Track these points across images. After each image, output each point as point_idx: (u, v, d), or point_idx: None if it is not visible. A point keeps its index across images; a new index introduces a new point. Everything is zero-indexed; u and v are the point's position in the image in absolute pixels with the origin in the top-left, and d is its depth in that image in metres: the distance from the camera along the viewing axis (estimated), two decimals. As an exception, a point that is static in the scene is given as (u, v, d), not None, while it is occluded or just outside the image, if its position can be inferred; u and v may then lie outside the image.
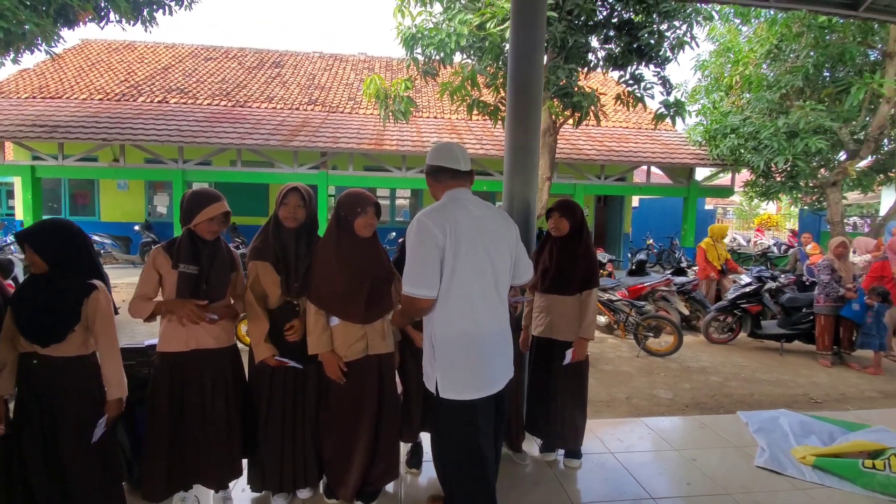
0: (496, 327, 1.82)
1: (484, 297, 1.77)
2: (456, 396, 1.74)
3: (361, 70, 14.77)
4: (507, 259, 1.87)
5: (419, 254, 1.70)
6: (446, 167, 1.84)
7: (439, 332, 1.75)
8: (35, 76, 12.08)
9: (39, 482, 1.78)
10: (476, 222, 1.76)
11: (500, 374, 1.85)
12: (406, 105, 6.44)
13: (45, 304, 1.75)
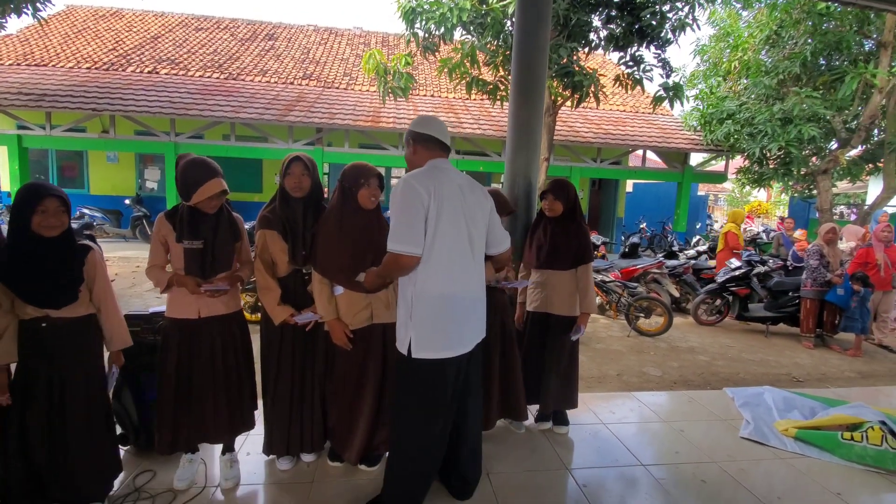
0: (471, 290, 1.89)
1: (461, 259, 1.84)
2: (429, 355, 1.80)
3: (357, 45, 14.49)
4: (483, 228, 1.97)
5: (406, 212, 1.75)
6: (436, 137, 1.92)
7: (419, 291, 1.80)
8: (19, 42, 11.69)
9: (40, 445, 1.81)
10: (457, 190, 1.85)
11: (472, 334, 1.93)
12: (406, 81, 6.37)
13: (56, 267, 1.78)
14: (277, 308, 2.12)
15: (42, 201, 1.73)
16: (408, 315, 1.82)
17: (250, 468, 2.31)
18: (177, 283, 2.04)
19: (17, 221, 1.74)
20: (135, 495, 2.07)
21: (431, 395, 1.84)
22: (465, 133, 9.79)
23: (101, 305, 1.94)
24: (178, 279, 2.03)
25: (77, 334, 1.87)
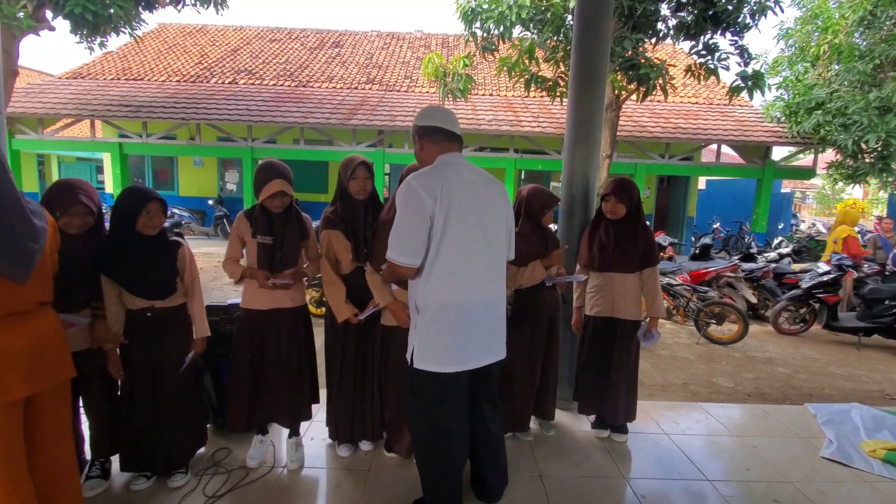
0: (484, 299, 1.71)
1: (473, 266, 1.67)
2: (428, 368, 1.68)
3: (418, 48, 14.78)
4: (502, 228, 1.79)
5: (405, 220, 1.61)
6: (442, 128, 1.75)
7: (422, 301, 1.67)
8: (118, 58, 13.12)
9: (144, 416, 2.08)
10: (470, 188, 1.67)
11: (482, 349, 1.73)
12: (465, 83, 6.43)
13: (157, 262, 2.02)
14: (343, 305, 2.22)
15: (147, 204, 1.97)
16: (414, 323, 1.73)
17: (313, 452, 2.46)
18: (248, 275, 2.23)
19: (122, 221, 1.98)
20: (213, 469, 2.28)
21: (436, 405, 1.72)
22: (524, 131, 9.68)
23: (189, 296, 2.17)
24: (250, 272, 2.22)
25: (174, 322, 2.12)
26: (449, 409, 1.73)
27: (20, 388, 1.46)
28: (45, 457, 1.62)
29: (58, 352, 1.61)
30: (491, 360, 1.77)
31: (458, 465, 1.82)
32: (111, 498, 2.09)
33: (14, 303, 1.46)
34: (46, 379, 1.55)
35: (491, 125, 9.80)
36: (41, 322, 1.56)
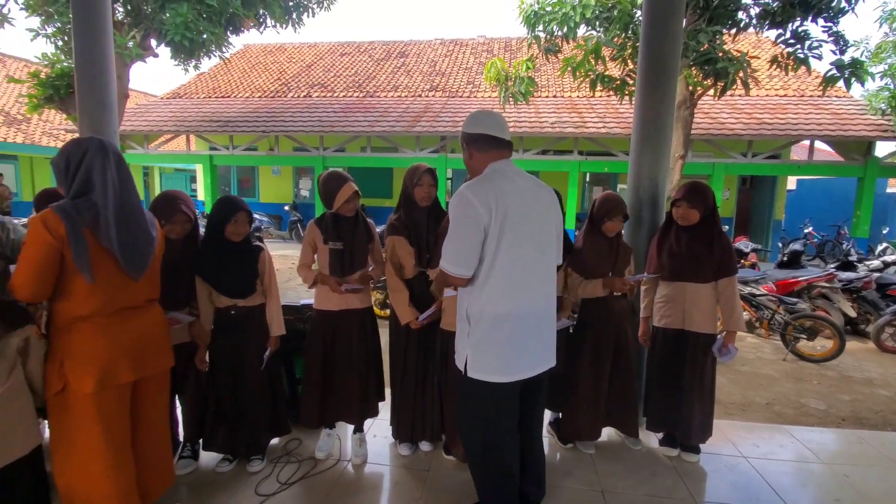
0: (538, 308, 1.69)
1: (528, 275, 1.65)
2: (483, 378, 1.66)
3: (480, 53, 14.87)
4: (554, 234, 1.76)
5: (459, 232, 1.60)
6: (491, 135, 1.70)
7: (476, 310, 1.66)
8: (209, 78, 14.47)
9: (228, 403, 2.30)
10: (523, 195, 1.64)
11: (535, 359, 1.71)
12: (526, 86, 6.38)
13: (241, 265, 2.24)
14: (406, 309, 2.31)
15: (236, 213, 2.19)
16: (465, 332, 1.71)
17: (376, 449, 2.57)
18: (321, 281, 2.38)
19: (213, 228, 2.21)
20: (286, 458, 2.46)
21: (489, 414, 1.72)
22: (589, 132, 9.39)
23: (267, 296, 2.36)
24: (322, 278, 2.37)
25: (255, 319, 2.32)
26: (502, 418, 1.72)
27: (129, 373, 1.69)
28: (146, 436, 1.85)
29: (161, 343, 1.85)
30: (542, 368, 1.75)
31: (514, 473, 1.81)
32: (199, 477, 2.32)
33: (129, 298, 1.71)
34: (151, 367, 1.78)
35: (554, 127, 9.62)
36: (149, 316, 1.80)
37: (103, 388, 1.62)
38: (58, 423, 1.66)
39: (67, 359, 1.60)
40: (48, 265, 1.52)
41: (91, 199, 1.57)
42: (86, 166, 1.59)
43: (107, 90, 3.33)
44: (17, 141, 11.71)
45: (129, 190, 1.69)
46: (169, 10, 7.39)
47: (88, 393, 1.60)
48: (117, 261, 1.62)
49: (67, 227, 1.52)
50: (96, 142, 1.65)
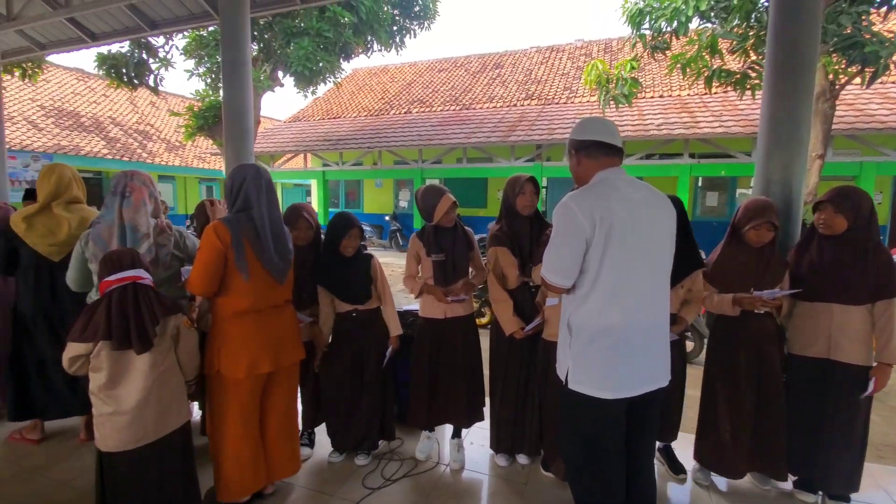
0: (646, 323, 1.58)
1: (636, 288, 1.56)
2: (586, 391, 1.58)
3: (578, 57, 14.46)
4: (668, 247, 1.64)
5: (561, 242, 1.57)
6: (601, 142, 1.62)
7: (578, 321, 1.60)
8: (323, 102, 15.95)
9: (343, 400, 2.50)
10: (633, 207, 1.55)
11: (642, 376, 1.59)
12: (629, 87, 6.06)
13: (357, 275, 2.44)
14: (511, 319, 2.30)
15: (350, 230, 2.40)
16: (567, 342, 1.65)
17: (473, 456, 2.60)
18: (427, 291, 2.48)
19: (330, 243, 2.44)
20: (389, 455, 2.60)
21: (590, 429, 1.64)
22: (703, 133, 8.60)
23: (382, 300, 2.54)
24: (428, 289, 2.47)
25: (373, 322, 2.51)
26: (606, 437, 1.63)
27: (268, 364, 1.98)
28: (276, 420, 2.12)
29: (294, 339, 2.14)
30: (651, 386, 1.62)
31: (618, 498, 1.69)
32: (315, 463, 2.55)
33: (274, 298, 2.04)
34: (285, 359, 2.06)
35: (661, 129, 8.98)
36: (286, 315, 2.11)
37: (249, 376, 1.92)
38: (211, 397, 2.01)
39: (224, 347, 1.92)
40: (216, 265, 1.86)
41: (250, 214, 1.92)
42: (245, 188, 1.94)
43: (246, 119, 3.87)
44: (174, 164, 14.02)
45: (275, 207, 2.02)
46: (293, 45, 8.35)
47: (238, 378, 1.92)
48: (265, 266, 1.93)
49: (232, 234, 1.86)
50: (253, 168, 2.00)
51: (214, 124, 9.14)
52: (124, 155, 12.92)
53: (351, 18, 8.73)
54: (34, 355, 2.56)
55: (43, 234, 2.44)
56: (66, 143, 11.88)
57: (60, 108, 13.42)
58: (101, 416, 1.72)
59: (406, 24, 10.09)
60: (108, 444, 1.72)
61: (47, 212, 2.47)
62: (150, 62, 9.10)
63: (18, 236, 2.44)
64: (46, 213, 2.47)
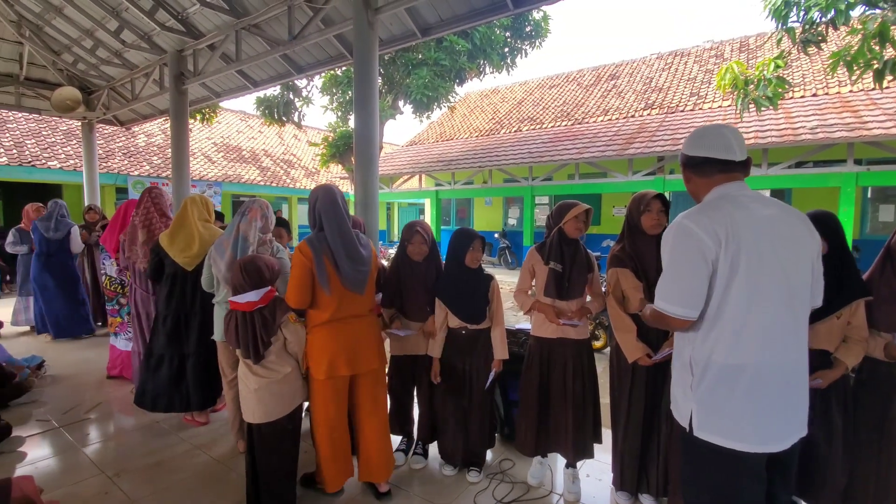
0: (784, 362, 1.34)
1: (771, 320, 1.33)
2: (718, 441, 1.36)
3: (707, 60, 13.20)
4: (807, 273, 1.39)
5: (678, 264, 1.38)
6: (713, 158, 1.43)
7: (701, 358, 1.39)
8: (437, 126, 16.78)
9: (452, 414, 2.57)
10: (764, 225, 1.34)
11: (786, 425, 1.35)
12: (774, 87, 5.35)
13: (477, 292, 2.51)
14: (635, 344, 2.14)
15: (473, 242, 2.49)
16: (688, 383, 1.44)
17: (589, 489, 2.46)
18: (538, 309, 2.44)
19: (453, 257, 2.54)
20: (500, 476, 2.58)
21: (724, 489, 1.39)
22: (873, 135, 7.21)
23: (494, 322, 2.56)
24: (540, 306, 2.42)
25: (482, 341, 2.55)
26: (744, 495, 1.38)
27: (345, 368, 2.21)
28: (364, 421, 2.35)
29: (372, 346, 2.33)
30: (793, 439, 1.38)
31: None
32: (429, 474, 2.64)
33: (356, 308, 2.26)
34: (362, 365, 2.27)
35: (816, 133, 7.73)
36: (365, 324, 2.31)
37: (329, 377, 2.17)
38: (310, 395, 2.30)
39: (310, 352, 2.22)
40: (305, 280, 2.11)
41: (324, 232, 2.15)
42: (318, 210, 2.16)
43: (373, 146, 4.25)
44: (311, 188, 15.90)
45: (345, 223, 2.20)
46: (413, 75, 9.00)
47: (321, 379, 2.18)
48: (340, 280, 2.14)
49: (313, 253, 2.10)
50: (322, 190, 2.22)
51: (345, 152, 10.20)
52: (273, 181, 15.02)
53: (465, 46, 9.14)
54: (158, 352, 3.08)
55: (182, 248, 3.01)
56: (231, 172, 14.20)
57: (227, 143, 16.13)
58: (242, 395, 2.24)
59: (517, 45, 10.23)
60: (247, 417, 2.21)
61: (185, 230, 3.04)
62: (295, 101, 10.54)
63: (164, 249, 3.03)
64: (185, 230, 3.04)
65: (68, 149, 11.15)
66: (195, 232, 3.04)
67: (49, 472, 2.59)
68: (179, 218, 3.09)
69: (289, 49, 5.31)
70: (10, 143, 10.35)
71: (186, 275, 3.03)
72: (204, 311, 3.00)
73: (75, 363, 4.47)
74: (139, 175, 11.83)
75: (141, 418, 3.30)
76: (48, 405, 3.53)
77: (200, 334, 3.02)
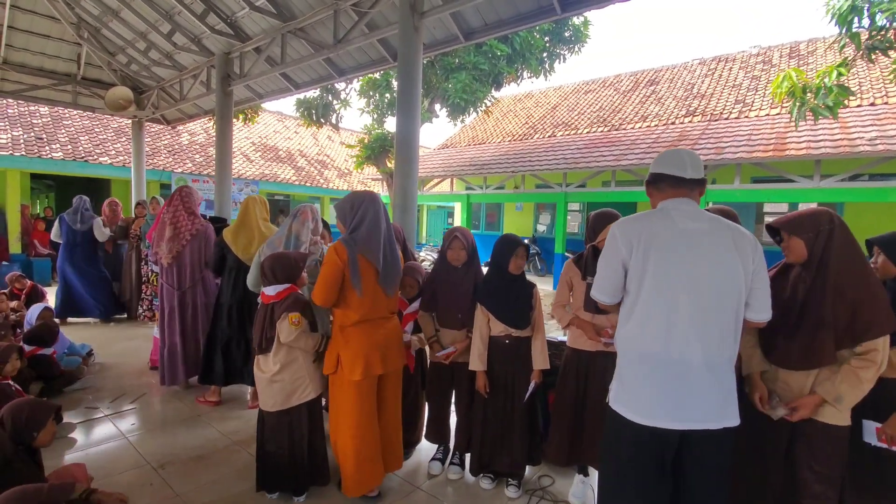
0: (686, 356, 1.52)
1: (674, 319, 1.53)
2: (621, 411, 1.61)
3: (754, 66, 12.70)
4: (723, 284, 1.53)
5: (603, 261, 1.69)
6: (667, 174, 1.64)
7: (621, 345, 1.67)
8: (469, 129, 16.75)
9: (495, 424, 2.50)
10: (682, 237, 1.55)
11: (679, 409, 1.52)
12: (836, 96, 5.07)
13: (520, 298, 2.46)
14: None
15: (517, 248, 2.44)
16: (618, 364, 1.71)
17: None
18: (577, 325, 2.37)
19: (497, 264, 2.49)
20: (540, 492, 2.50)
21: (619, 454, 1.64)
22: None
23: (534, 330, 2.50)
24: (578, 322, 2.35)
25: (525, 349, 2.50)
26: (633, 468, 1.59)
27: (380, 367, 2.23)
28: (385, 418, 2.38)
29: (399, 346, 2.38)
30: (691, 424, 1.51)
31: None
32: (464, 485, 2.58)
33: (384, 309, 2.30)
34: (392, 364, 2.31)
35: (875, 145, 7.30)
36: (393, 324, 2.36)
37: (365, 378, 2.18)
38: (333, 395, 2.31)
39: (342, 352, 2.21)
40: (335, 280, 2.14)
41: (362, 233, 2.17)
42: (362, 210, 2.20)
43: (413, 148, 4.25)
44: (343, 188, 16.13)
45: (389, 227, 2.27)
46: (451, 79, 9.00)
47: (356, 380, 2.17)
48: (378, 279, 2.19)
49: (349, 253, 2.12)
50: (370, 194, 2.26)
51: (379, 154, 10.29)
52: (307, 181, 15.32)
53: (505, 50, 9.08)
54: (224, 336, 3.37)
55: (244, 245, 3.26)
56: (268, 171, 14.57)
57: (265, 143, 16.56)
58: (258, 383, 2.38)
59: (556, 51, 10.09)
60: (261, 405, 2.35)
61: (247, 228, 3.30)
62: (334, 104, 10.72)
63: (228, 246, 3.28)
64: (247, 228, 3.30)
65: (118, 146, 11.67)
66: (256, 231, 3.29)
67: (97, 460, 2.67)
68: (242, 216, 3.34)
69: (332, 53, 5.39)
70: (65, 138, 10.91)
71: (246, 269, 3.23)
72: None
73: (122, 352, 4.64)
74: (182, 172, 12.27)
75: (184, 411, 3.39)
76: (97, 393, 3.66)
77: None
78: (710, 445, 1.54)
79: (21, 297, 4.96)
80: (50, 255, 9.44)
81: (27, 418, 2.09)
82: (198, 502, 2.34)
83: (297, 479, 2.33)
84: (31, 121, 10.92)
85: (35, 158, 9.57)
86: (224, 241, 3.30)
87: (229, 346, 3.38)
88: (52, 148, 10.17)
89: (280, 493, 2.36)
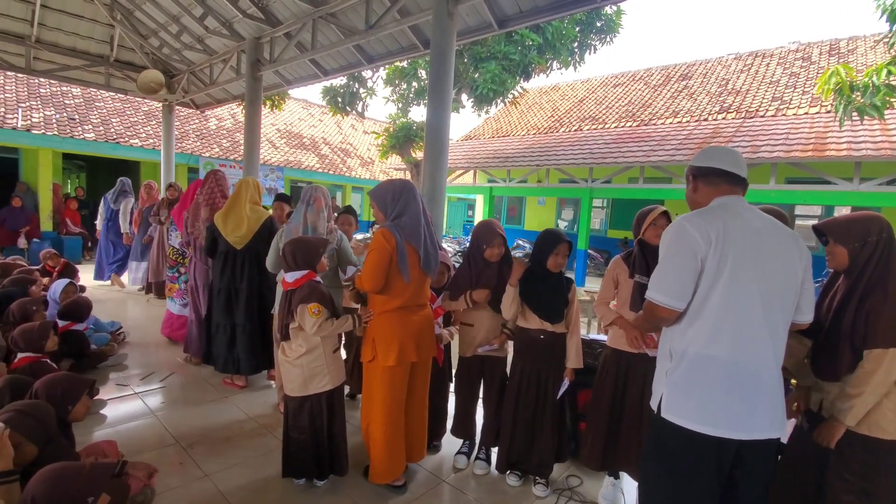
0: (753, 361, 1.43)
1: (745, 322, 1.43)
2: (678, 421, 1.45)
3: (792, 62, 12.21)
4: (789, 286, 1.48)
5: (671, 259, 1.50)
6: (722, 169, 1.56)
7: (679, 347, 1.50)
8: (494, 121, 16.55)
9: (522, 423, 2.45)
10: (753, 235, 1.46)
11: (750, 418, 1.41)
12: (883, 96, 4.82)
13: (556, 293, 2.40)
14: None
15: (557, 246, 2.37)
16: (664, 369, 1.55)
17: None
18: (620, 325, 2.29)
19: (537, 258, 2.44)
20: (568, 493, 2.45)
21: (677, 468, 1.49)
22: None
23: (569, 327, 2.44)
24: (621, 323, 2.28)
25: (558, 347, 2.44)
26: (695, 481, 1.46)
27: (413, 355, 2.23)
28: (412, 408, 2.37)
29: (432, 335, 2.37)
30: (754, 434, 1.42)
31: None
32: (490, 480, 2.55)
33: (422, 297, 2.31)
34: (424, 353, 2.31)
35: (923, 148, 6.94)
36: (426, 313, 2.35)
37: (399, 364, 2.17)
38: (367, 382, 2.30)
39: (378, 338, 2.20)
40: (384, 265, 2.12)
41: (406, 220, 2.18)
42: (404, 198, 2.20)
43: (443, 138, 4.19)
44: (365, 177, 16.16)
45: (427, 215, 2.28)
46: (480, 69, 8.86)
47: (390, 366, 2.17)
48: (420, 264, 2.19)
49: (397, 238, 2.11)
50: (408, 183, 2.26)
51: (404, 143, 10.23)
52: (330, 169, 15.38)
53: (536, 40, 8.89)
54: (215, 321, 3.47)
55: (233, 229, 3.29)
56: (292, 158, 14.66)
57: (290, 130, 16.66)
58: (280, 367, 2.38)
59: (587, 41, 9.84)
60: (285, 388, 2.35)
61: (236, 211, 3.31)
62: (360, 92, 10.68)
63: (218, 229, 3.31)
64: (236, 212, 3.32)
65: (148, 128, 11.87)
66: (244, 214, 3.30)
67: (128, 438, 2.71)
68: (233, 199, 3.35)
69: (363, 39, 5.33)
70: (98, 120, 11.14)
71: (237, 253, 3.32)
72: (250, 286, 3.34)
73: (153, 330, 4.72)
74: (209, 157, 12.43)
75: (211, 392, 3.43)
76: (126, 370, 3.73)
77: (247, 307, 3.35)
78: (764, 455, 1.47)
79: (53, 275, 5.09)
80: (81, 234, 9.70)
81: (63, 392, 2.12)
82: (227, 484, 2.35)
83: (319, 467, 2.32)
84: (63, 101, 11.16)
85: (67, 138, 9.79)
86: (214, 225, 3.34)
87: (218, 332, 3.44)
88: (84, 129, 10.39)
89: (305, 480, 2.37)
